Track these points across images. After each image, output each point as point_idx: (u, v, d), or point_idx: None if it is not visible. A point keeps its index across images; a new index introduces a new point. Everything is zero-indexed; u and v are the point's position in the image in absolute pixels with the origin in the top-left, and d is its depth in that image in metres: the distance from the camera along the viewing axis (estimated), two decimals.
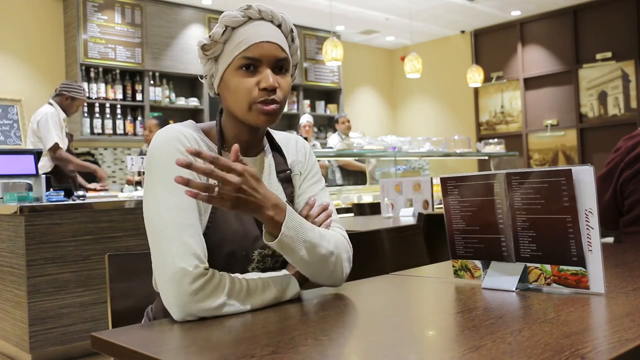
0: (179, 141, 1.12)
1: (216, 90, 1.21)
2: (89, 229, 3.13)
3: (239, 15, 1.16)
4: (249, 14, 1.16)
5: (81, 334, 3.09)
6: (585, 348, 0.76)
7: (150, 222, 1.09)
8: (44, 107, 4.38)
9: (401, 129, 9.68)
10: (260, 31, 1.16)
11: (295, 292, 1.15)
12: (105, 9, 6.36)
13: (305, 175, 1.31)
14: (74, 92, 4.44)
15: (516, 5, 7.80)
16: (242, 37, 1.15)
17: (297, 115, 7.99)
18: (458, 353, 0.77)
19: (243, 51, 1.14)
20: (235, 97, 1.16)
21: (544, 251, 1.14)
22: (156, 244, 1.07)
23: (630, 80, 7.43)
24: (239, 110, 1.16)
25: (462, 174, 1.26)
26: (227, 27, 1.15)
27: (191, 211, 1.09)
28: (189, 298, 1.01)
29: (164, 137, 1.13)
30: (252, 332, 0.96)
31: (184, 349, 0.89)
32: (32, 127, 4.36)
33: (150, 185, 1.11)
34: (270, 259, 1.21)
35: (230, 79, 1.16)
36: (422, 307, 1.20)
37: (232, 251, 1.15)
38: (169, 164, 1.09)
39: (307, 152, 1.35)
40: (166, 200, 1.08)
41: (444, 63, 9.16)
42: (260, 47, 1.14)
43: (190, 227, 1.07)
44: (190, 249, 1.05)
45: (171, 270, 1.03)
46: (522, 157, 8.22)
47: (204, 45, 1.17)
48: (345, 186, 5.87)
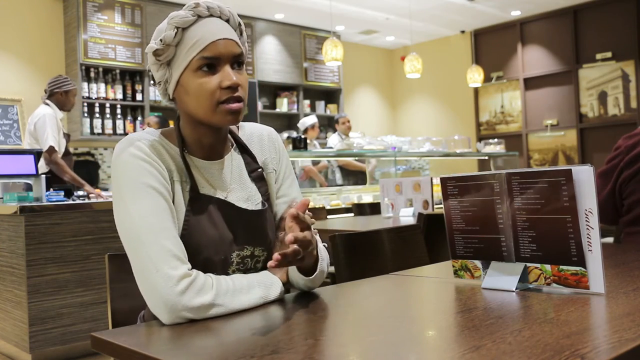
0: (139, 148, 1.11)
1: (171, 95, 1.17)
2: (89, 229, 3.13)
3: (189, 15, 1.12)
4: (198, 12, 1.13)
5: (81, 334, 3.09)
6: (585, 348, 0.76)
7: (125, 231, 1.08)
8: (40, 108, 4.34)
9: (401, 129, 9.68)
10: (213, 29, 1.12)
11: (280, 291, 1.14)
12: (105, 9, 6.36)
13: (281, 173, 1.29)
14: (64, 85, 4.40)
15: (516, 5, 7.80)
16: (196, 37, 1.11)
17: (297, 115, 8.00)
18: (458, 353, 0.77)
19: (200, 51, 1.10)
20: (196, 100, 1.12)
21: (544, 251, 1.14)
22: (134, 252, 1.06)
23: (630, 80, 7.43)
24: (202, 112, 1.12)
25: (462, 174, 1.26)
26: (178, 28, 1.12)
27: (164, 214, 1.08)
28: (176, 299, 1.00)
29: (123, 147, 1.12)
30: (252, 332, 0.96)
31: (184, 349, 0.89)
32: (29, 129, 4.32)
33: (119, 194, 1.09)
34: (250, 260, 1.19)
35: (189, 81, 1.12)
36: (422, 307, 1.20)
37: (209, 256, 1.13)
38: (134, 172, 1.09)
39: (279, 146, 1.32)
40: (137, 207, 1.06)
41: (444, 63, 9.16)
42: (217, 45, 1.11)
43: (165, 230, 1.06)
44: (170, 251, 1.04)
45: (154, 275, 1.02)
46: (522, 157, 8.22)
47: (156, 50, 1.13)
48: (345, 186, 5.87)
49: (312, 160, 6.14)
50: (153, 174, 1.09)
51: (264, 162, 1.28)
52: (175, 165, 1.15)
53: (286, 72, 7.92)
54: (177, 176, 1.14)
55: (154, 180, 1.09)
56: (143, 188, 1.08)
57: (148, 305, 1.05)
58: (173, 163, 1.15)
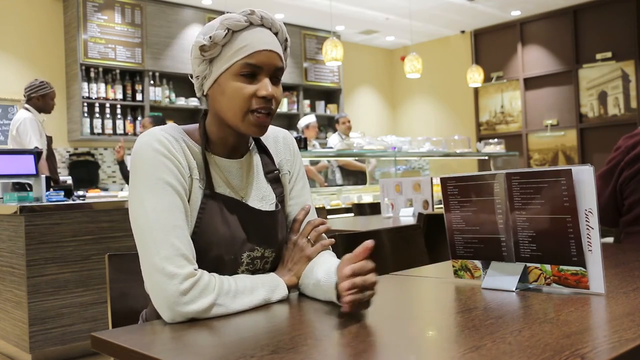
0: (161, 143, 1.11)
1: (206, 91, 1.18)
2: (89, 229, 3.13)
3: (242, 20, 1.14)
4: (251, 19, 1.15)
5: (81, 334, 3.09)
6: (585, 348, 0.76)
7: (137, 225, 1.08)
8: (20, 112, 4.35)
9: (401, 129, 9.68)
10: (264, 38, 1.14)
11: (284, 294, 1.14)
12: (105, 9, 6.36)
13: (294, 175, 1.31)
14: (40, 90, 4.39)
15: (516, 5, 7.80)
16: (244, 42, 1.13)
17: (297, 115, 8.00)
18: (458, 353, 0.77)
19: (245, 57, 1.12)
20: (230, 102, 1.13)
21: (544, 251, 1.14)
22: (144, 246, 1.06)
23: (630, 80, 7.43)
24: (231, 115, 1.14)
25: (462, 174, 1.26)
26: (229, 30, 1.13)
27: (178, 213, 1.08)
28: (178, 299, 1.01)
29: (146, 140, 1.12)
30: (252, 332, 0.96)
31: (184, 348, 0.89)
32: (12, 134, 4.32)
33: (135, 188, 1.10)
34: (260, 261, 1.20)
35: (227, 83, 1.13)
36: (422, 307, 1.20)
37: (219, 255, 1.14)
38: (153, 167, 1.09)
39: (294, 148, 1.34)
40: (152, 202, 1.07)
41: (444, 63, 9.16)
42: (263, 55, 1.13)
43: (177, 229, 1.07)
44: (178, 250, 1.05)
45: (159, 272, 1.03)
46: (522, 157, 8.22)
47: (203, 46, 1.14)
48: (345, 186, 5.87)
49: (311, 161, 6.14)
50: (172, 171, 1.10)
51: (279, 163, 1.29)
52: (196, 162, 1.16)
53: (286, 72, 7.87)
54: (197, 173, 1.15)
55: (171, 177, 1.09)
56: (160, 184, 1.08)
57: (152, 301, 1.06)
58: (194, 160, 1.16)
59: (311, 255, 1.21)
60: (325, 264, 1.17)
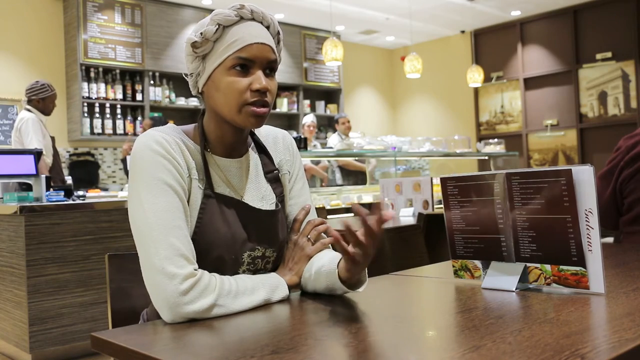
0: (159, 144, 1.11)
1: (201, 89, 1.19)
2: (89, 229, 3.13)
3: (232, 14, 1.14)
4: (242, 14, 1.15)
5: (81, 334, 3.09)
6: (585, 348, 0.76)
7: (137, 225, 1.08)
8: (22, 113, 4.37)
9: (401, 129, 9.68)
10: (254, 32, 1.14)
11: (285, 293, 1.15)
12: (105, 9, 6.36)
13: (294, 175, 1.31)
14: (41, 93, 4.40)
15: (516, 5, 7.80)
16: (235, 36, 1.13)
17: (297, 115, 8.00)
18: (458, 353, 0.77)
19: (237, 51, 1.12)
20: (225, 97, 1.13)
21: (544, 251, 1.14)
22: (143, 247, 1.06)
23: (630, 80, 7.43)
24: (227, 110, 1.14)
25: (462, 174, 1.26)
26: (220, 25, 1.14)
27: (177, 213, 1.08)
28: (178, 299, 1.01)
29: (143, 141, 1.12)
30: (252, 332, 0.96)
31: (184, 348, 0.89)
32: (15, 134, 4.36)
33: (135, 189, 1.10)
34: (261, 261, 1.20)
35: (221, 78, 1.14)
36: (422, 307, 1.20)
37: (220, 255, 1.14)
38: (151, 167, 1.09)
39: (294, 149, 1.34)
40: (151, 203, 1.07)
41: (444, 63, 9.16)
42: (254, 48, 1.13)
43: (176, 229, 1.07)
44: (178, 250, 1.04)
45: (159, 273, 1.03)
46: (522, 157, 8.22)
47: (195, 42, 1.14)
48: (345, 186, 5.87)
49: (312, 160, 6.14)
50: (171, 171, 1.10)
51: (278, 163, 1.29)
52: (195, 162, 1.16)
53: (286, 72, 7.92)
54: (196, 173, 1.15)
55: (170, 177, 1.09)
56: (159, 185, 1.08)
57: (152, 301, 1.06)
58: (193, 160, 1.16)
59: (311, 254, 1.22)
60: (325, 256, 1.18)
